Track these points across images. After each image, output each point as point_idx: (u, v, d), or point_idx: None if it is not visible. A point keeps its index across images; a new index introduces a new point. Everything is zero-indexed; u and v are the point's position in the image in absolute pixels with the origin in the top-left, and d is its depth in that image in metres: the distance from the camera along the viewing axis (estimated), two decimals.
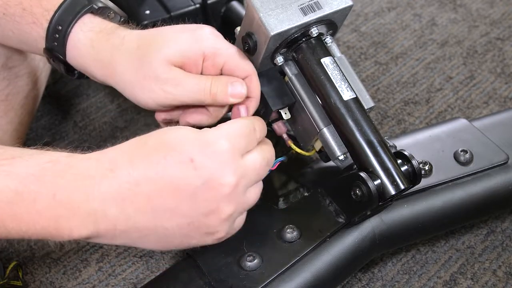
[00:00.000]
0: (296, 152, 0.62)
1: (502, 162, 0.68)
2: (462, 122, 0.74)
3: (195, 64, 0.54)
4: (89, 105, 0.93)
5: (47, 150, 0.49)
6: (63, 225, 0.45)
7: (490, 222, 0.77)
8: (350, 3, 0.56)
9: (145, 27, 0.80)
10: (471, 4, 1.14)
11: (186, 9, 0.84)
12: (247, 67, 0.55)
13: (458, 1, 1.15)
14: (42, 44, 0.57)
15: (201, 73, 0.56)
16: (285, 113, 0.60)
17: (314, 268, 0.58)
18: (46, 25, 0.56)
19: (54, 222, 0.45)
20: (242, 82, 0.55)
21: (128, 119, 0.91)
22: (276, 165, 0.57)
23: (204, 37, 0.55)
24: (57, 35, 0.56)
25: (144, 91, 0.54)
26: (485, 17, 1.11)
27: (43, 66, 0.74)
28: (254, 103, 0.57)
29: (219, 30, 0.86)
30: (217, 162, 0.46)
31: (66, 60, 0.58)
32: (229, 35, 0.60)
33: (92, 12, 0.57)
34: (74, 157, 0.47)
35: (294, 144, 0.61)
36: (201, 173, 0.45)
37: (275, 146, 0.72)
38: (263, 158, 0.50)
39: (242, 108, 0.56)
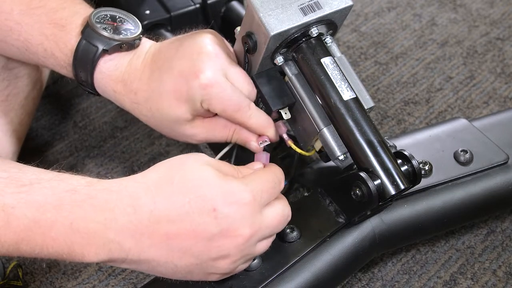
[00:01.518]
0: (296, 151, 0.62)
1: (502, 162, 0.68)
2: (462, 122, 0.74)
3: (205, 110, 0.57)
4: (89, 105, 0.93)
5: (64, 174, 0.49)
6: (76, 251, 0.47)
7: (490, 222, 0.77)
8: (350, 3, 0.56)
9: (145, 28, 0.80)
10: (471, 4, 1.14)
11: (186, 9, 0.84)
12: (240, 118, 0.57)
13: (458, 1, 1.15)
14: (72, 77, 0.60)
15: None
16: (285, 113, 0.60)
17: (314, 268, 0.58)
18: (70, 69, 0.59)
19: (68, 248, 0.47)
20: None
21: (128, 119, 0.91)
22: None
23: (199, 91, 0.55)
24: (83, 78, 0.58)
25: (180, 139, 0.61)
26: (485, 17, 1.11)
27: (43, 67, 0.74)
28: (266, 135, 0.59)
29: (219, 30, 0.87)
30: (237, 214, 0.48)
31: (100, 94, 0.61)
32: (229, 35, 0.60)
33: (104, 54, 0.57)
34: (93, 187, 0.48)
35: (294, 144, 0.61)
36: (220, 223, 0.47)
37: (276, 146, 0.73)
38: (283, 214, 0.52)
39: (263, 155, 0.59)
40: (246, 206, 0.48)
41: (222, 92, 0.55)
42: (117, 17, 0.60)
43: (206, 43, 0.56)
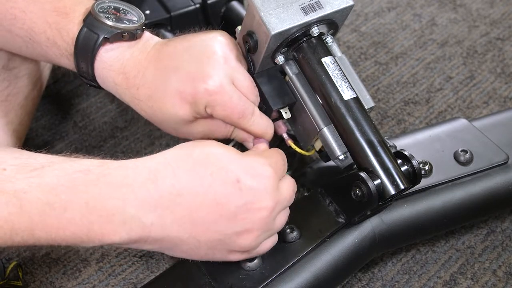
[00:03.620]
0: (296, 151, 0.62)
1: (502, 162, 0.68)
2: (462, 122, 0.74)
3: (205, 115, 0.57)
4: (89, 105, 0.93)
5: (77, 157, 0.49)
6: (95, 232, 0.45)
7: (490, 222, 0.77)
8: (351, 2, 0.56)
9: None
10: (471, 4, 1.14)
11: (186, 9, 0.84)
12: (242, 125, 0.57)
13: (458, 1, 1.15)
14: (74, 69, 0.59)
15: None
16: (286, 113, 0.60)
17: (314, 268, 0.58)
18: (72, 59, 0.58)
19: (86, 229, 0.45)
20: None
21: (128, 119, 0.91)
22: None
23: (204, 96, 0.54)
24: (83, 69, 0.58)
25: (182, 136, 0.60)
26: (485, 17, 1.11)
27: (43, 67, 0.74)
28: (266, 138, 0.59)
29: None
30: (261, 186, 0.48)
31: (100, 86, 0.60)
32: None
33: (106, 42, 0.57)
34: (107, 166, 0.47)
35: (294, 143, 0.61)
36: (245, 194, 0.47)
37: (277, 146, 0.73)
38: (293, 186, 0.54)
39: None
40: (268, 179, 0.49)
41: (228, 100, 0.54)
42: (121, 8, 0.60)
43: (217, 46, 0.56)
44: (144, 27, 0.59)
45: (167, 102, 0.56)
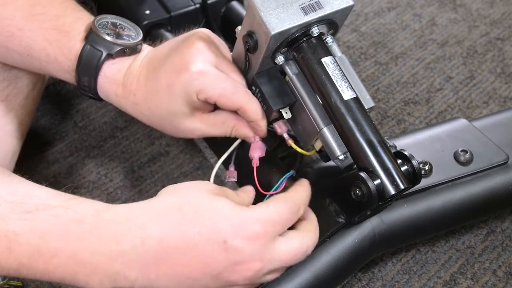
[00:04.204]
0: (296, 151, 0.62)
1: (502, 162, 0.68)
2: (462, 122, 0.74)
3: (202, 104, 0.57)
4: (89, 105, 0.93)
5: (72, 200, 0.48)
6: (80, 279, 0.46)
7: (490, 222, 0.78)
8: (351, 2, 0.56)
9: (145, 28, 0.80)
10: (471, 4, 1.14)
11: (186, 9, 0.84)
12: (237, 101, 0.56)
13: (458, 1, 1.15)
14: (74, 83, 0.60)
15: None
16: (286, 113, 0.60)
17: (314, 268, 0.58)
18: (74, 75, 0.59)
19: (71, 276, 0.46)
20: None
21: (128, 119, 0.91)
22: (284, 184, 0.59)
23: (191, 81, 0.55)
24: (86, 86, 0.59)
25: (182, 135, 0.60)
26: (485, 17, 1.11)
27: None
28: (261, 122, 0.58)
29: (219, 30, 0.87)
30: (248, 247, 0.47)
31: (101, 98, 0.61)
32: (229, 35, 0.60)
33: (108, 59, 0.58)
34: (101, 218, 0.47)
35: (295, 143, 0.61)
36: (231, 255, 0.46)
37: (277, 146, 0.73)
38: (300, 248, 0.50)
39: (258, 146, 0.60)
40: (257, 240, 0.47)
41: (215, 78, 0.55)
42: (118, 24, 0.61)
43: (196, 39, 0.57)
44: (142, 42, 0.61)
45: (161, 99, 0.56)
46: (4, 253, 0.45)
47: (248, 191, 0.55)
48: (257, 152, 0.60)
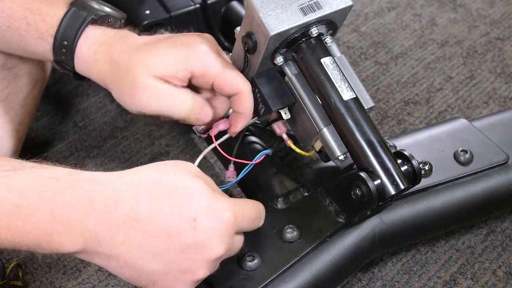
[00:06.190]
0: (296, 152, 0.62)
1: (502, 162, 0.68)
2: (462, 122, 0.74)
3: (181, 80, 0.56)
4: (89, 105, 0.93)
5: (47, 164, 0.49)
6: (54, 240, 0.46)
7: (490, 222, 0.78)
8: (350, 3, 0.56)
9: (145, 28, 0.80)
10: (471, 4, 1.14)
11: (186, 9, 0.84)
12: (236, 86, 0.57)
13: (458, 1, 1.15)
14: (49, 56, 0.60)
15: (194, 86, 0.58)
16: (285, 113, 0.60)
17: (314, 268, 0.58)
18: (51, 40, 0.58)
19: (47, 236, 0.46)
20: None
21: (128, 119, 0.91)
22: (260, 158, 0.60)
23: (196, 56, 0.56)
24: (63, 50, 0.59)
25: (131, 99, 0.57)
26: (485, 17, 1.11)
27: (43, 66, 0.74)
28: (243, 119, 0.58)
29: (219, 30, 0.87)
30: (216, 230, 0.47)
31: (76, 71, 0.60)
32: (229, 35, 0.60)
33: (93, 23, 0.58)
34: (76, 176, 0.48)
35: (294, 144, 0.61)
36: (197, 235, 0.47)
37: (276, 146, 0.73)
38: (241, 244, 0.52)
39: (221, 124, 0.60)
40: (225, 225, 0.48)
41: (217, 58, 0.56)
42: (104, 3, 0.62)
43: (202, 37, 0.58)
44: (125, 21, 0.61)
45: (151, 50, 0.56)
46: None
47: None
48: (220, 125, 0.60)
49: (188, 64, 0.56)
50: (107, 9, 0.59)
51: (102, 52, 0.58)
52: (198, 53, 0.56)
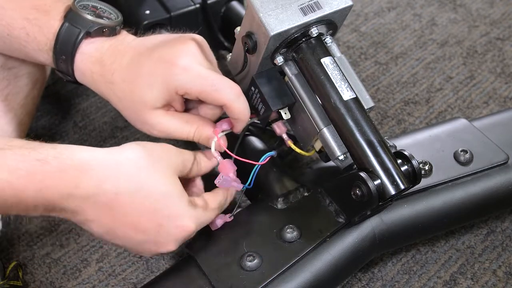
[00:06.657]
0: (296, 152, 0.62)
1: (502, 162, 0.68)
2: (462, 122, 0.74)
3: (176, 100, 0.58)
4: (89, 105, 0.93)
5: (34, 142, 0.52)
6: (40, 211, 0.51)
7: (490, 222, 0.77)
8: (350, 3, 0.56)
9: (145, 28, 0.80)
10: (471, 4, 1.14)
11: (186, 9, 0.84)
12: (220, 99, 0.56)
13: (458, 1, 1.15)
14: (52, 65, 0.61)
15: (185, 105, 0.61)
16: (285, 113, 0.60)
17: (314, 268, 0.58)
18: (51, 53, 0.59)
19: (34, 209, 0.50)
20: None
21: None
22: (266, 160, 0.60)
23: (175, 77, 0.56)
24: (63, 63, 0.60)
25: (140, 126, 0.60)
26: (485, 17, 1.11)
27: (43, 67, 0.74)
28: (240, 123, 0.59)
29: (219, 30, 0.87)
30: (175, 236, 0.54)
31: (77, 80, 0.62)
32: (229, 35, 0.60)
33: (87, 36, 0.59)
34: (63, 161, 0.50)
35: (294, 144, 0.61)
36: (159, 235, 0.54)
37: (277, 145, 0.73)
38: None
39: (224, 124, 0.60)
40: (186, 233, 0.54)
41: (197, 74, 0.56)
42: (99, 7, 0.62)
43: (190, 39, 0.58)
44: (122, 25, 0.61)
45: (138, 84, 0.57)
46: None
47: (217, 194, 0.59)
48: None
49: (171, 86, 0.56)
50: (101, 21, 0.59)
51: (97, 72, 0.59)
52: (177, 73, 0.56)
